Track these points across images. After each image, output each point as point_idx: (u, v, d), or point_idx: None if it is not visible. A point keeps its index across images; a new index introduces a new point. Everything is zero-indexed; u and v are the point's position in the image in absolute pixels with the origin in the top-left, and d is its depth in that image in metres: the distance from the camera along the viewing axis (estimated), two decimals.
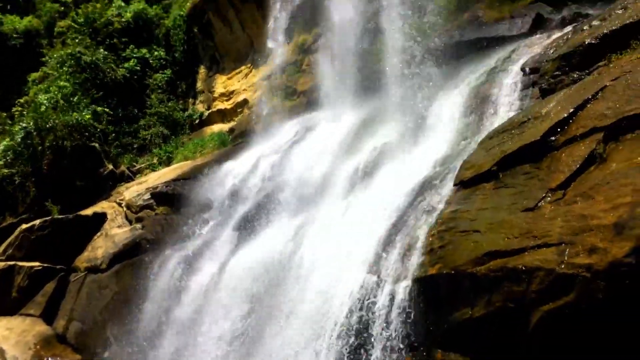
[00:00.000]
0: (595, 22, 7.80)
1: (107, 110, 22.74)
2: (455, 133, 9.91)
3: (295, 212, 12.17)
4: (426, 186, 8.51)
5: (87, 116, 20.40)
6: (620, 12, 7.39)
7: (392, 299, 6.89)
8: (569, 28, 9.41)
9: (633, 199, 4.73)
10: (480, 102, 9.70)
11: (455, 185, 7.43)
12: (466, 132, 9.69)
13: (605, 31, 7.12)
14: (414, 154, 10.32)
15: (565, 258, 4.94)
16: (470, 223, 6.38)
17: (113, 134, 23.24)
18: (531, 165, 6.32)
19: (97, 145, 20.76)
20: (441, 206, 7.42)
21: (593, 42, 7.19)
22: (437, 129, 10.53)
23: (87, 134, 20.40)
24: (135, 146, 24.11)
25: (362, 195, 10.21)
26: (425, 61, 11.97)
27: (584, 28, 7.97)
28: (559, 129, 6.27)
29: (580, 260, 4.81)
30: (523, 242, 5.48)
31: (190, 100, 26.54)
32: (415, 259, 6.94)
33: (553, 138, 6.25)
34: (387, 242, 7.84)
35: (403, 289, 6.78)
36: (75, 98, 21.51)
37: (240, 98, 23.71)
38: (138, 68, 25.85)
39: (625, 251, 4.51)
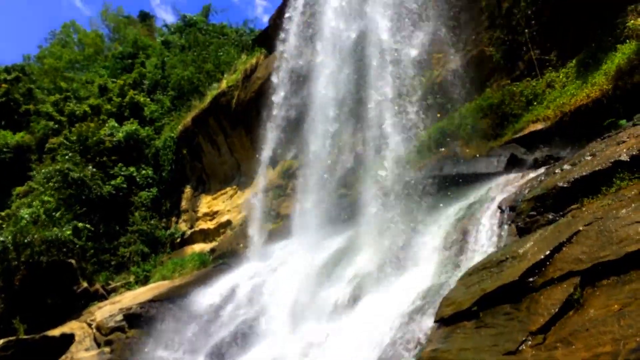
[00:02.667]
0: (566, 166, 8.20)
1: (88, 226, 22.68)
2: (436, 266, 9.94)
3: (272, 341, 11.77)
4: (407, 321, 8.36)
5: (68, 232, 20.27)
6: (589, 158, 7.80)
7: None
8: (542, 169, 9.85)
9: (612, 348, 4.68)
10: (459, 236, 9.85)
11: (435, 322, 7.31)
12: (446, 266, 9.72)
13: (576, 176, 7.46)
14: (394, 285, 10.25)
15: None
16: None
17: (92, 250, 22.95)
18: (511, 305, 6.29)
19: (74, 261, 20.40)
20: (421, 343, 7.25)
21: (565, 185, 7.49)
22: (417, 261, 10.58)
23: (65, 249, 20.15)
24: (113, 263, 23.73)
25: (342, 327, 9.97)
26: (406, 193, 12.32)
27: (556, 171, 8.36)
28: (536, 270, 6.33)
29: None
30: None
31: (174, 218, 26.64)
32: None
33: (531, 279, 6.28)
34: None
35: None
36: (58, 213, 21.52)
37: (223, 219, 23.88)
38: (124, 185, 26.20)
39: None
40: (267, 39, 24.12)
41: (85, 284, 20.40)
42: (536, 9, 12.31)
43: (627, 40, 9.92)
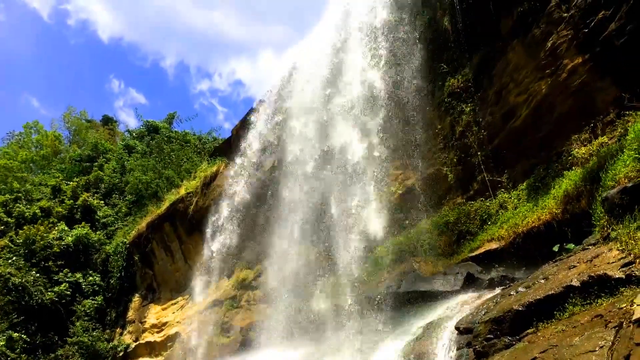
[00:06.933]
0: (521, 289, 8.25)
1: (24, 336, 21.09)
2: None
3: None
4: None
5: (1, 343, 18.76)
6: (542, 281, 7.89)
7: None
8: (498, 290, 9.90)
9: None
10: (417, 357, 9.55)
11: None
12: None
13: (531, 299, 7.49)
14: None
15: None
16: None
17: None
18: None
19: None
20: None
21: (521, 309, 7.50)
22: None
23: None
24: None
25: None
26: (364, 310, 12.08)
27: (512, 293, 8.39)
28: None
29: None
30: None
31: (118, 329, 25.11)
32: None
33: None
34: None
35: None
36: None
37: (172, 331, 22.69)
38: (68, 292, 24.83)
39: None
40: (228, 148, 24.54)
41: None
42: (488, 134, 13.02)
43: (573, 167, 10.50)
